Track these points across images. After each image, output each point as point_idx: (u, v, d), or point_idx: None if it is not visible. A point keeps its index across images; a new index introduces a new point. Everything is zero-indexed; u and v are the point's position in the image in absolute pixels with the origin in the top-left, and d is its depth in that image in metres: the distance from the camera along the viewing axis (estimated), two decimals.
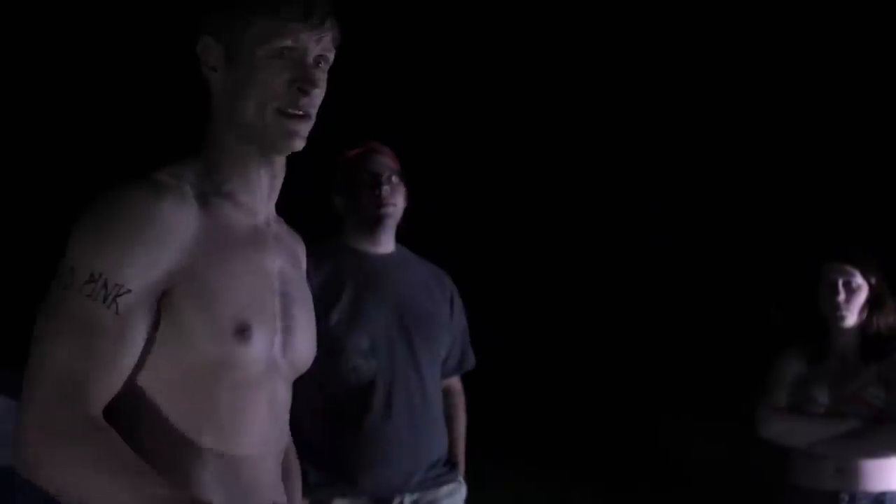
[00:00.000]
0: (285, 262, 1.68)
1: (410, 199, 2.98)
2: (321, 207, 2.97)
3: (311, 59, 1.56)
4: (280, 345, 1.62)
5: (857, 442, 3.12)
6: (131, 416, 1.50)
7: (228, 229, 1.57)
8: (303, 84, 1.54)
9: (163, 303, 1.50)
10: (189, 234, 1.50)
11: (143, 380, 1.51)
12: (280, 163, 1.64)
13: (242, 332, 1.53)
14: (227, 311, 1.52)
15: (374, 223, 2.88)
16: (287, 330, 1.63)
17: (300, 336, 1.67)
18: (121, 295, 1.45)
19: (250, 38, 1.53)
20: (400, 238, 2.99)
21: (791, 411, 3.21)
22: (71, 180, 5.83)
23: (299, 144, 1.58)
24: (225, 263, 1.54)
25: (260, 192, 1.62)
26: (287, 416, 1.70)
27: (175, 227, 1.49)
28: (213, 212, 1.55)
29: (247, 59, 1.54)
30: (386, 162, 2.92)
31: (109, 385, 1.46)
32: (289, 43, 1.53)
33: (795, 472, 3.25)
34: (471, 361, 3.15)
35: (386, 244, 2.93)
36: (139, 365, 1.50)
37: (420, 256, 3.06)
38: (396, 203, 2.89)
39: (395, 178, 2.89)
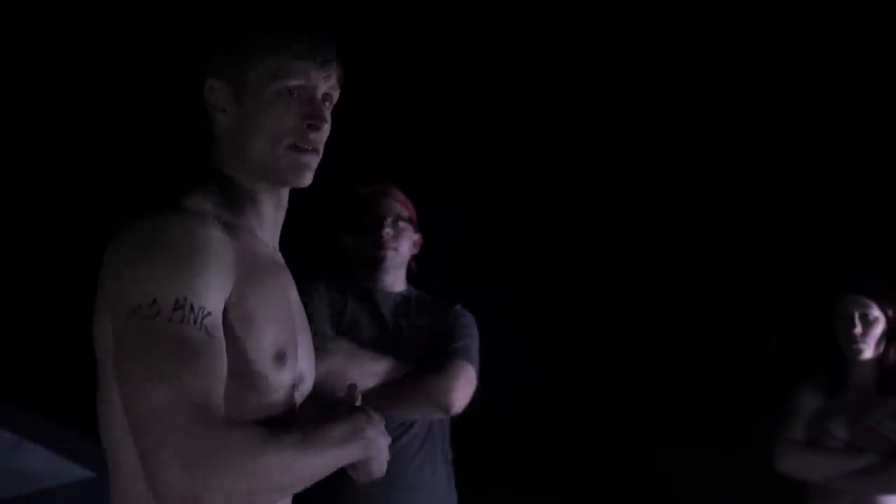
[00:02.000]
0: (294, 288, 1.71)
1: (424, 244, 2.98)
2: (326, 243, 2.99)
3: (319, 96, 1.63)
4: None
5: (874, 477, 3.08)
6: None
7: (255, 258, 1.60)
8: (313, 120, 1.61)
9: None
10: (233, 262, 1.53)
11: None
12: (285, 195, 1.70)
13: (281, 357, 1.57)
14: (268, 338, 1.56)
15: (374, 264, 2.89)
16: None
17: (305, 361, 1.70)
18: (206, 317, 1.45)
19: (260, 77, 1.59)
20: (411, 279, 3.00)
21: (808, 445, 3.18)
22: (52, 227, 5.81)
23: (309, 178, 1.65)
24: (260, 291, 1.57)
25: (269, 224, 1.68)
26: None
27: (224, 255, 1.52)
28: (240, 242, 1.58)
29: (257, 97, 1.59)
30: (393, 205, 2.91)
31: (222, 399, 1.44)
32: (301, 82, 1.60)
33: None
34: None
35: (391, 284, 2.92)
36: None
37: (439, 301, 3.00)
38: (398, 247, 2.88)
39: (401, 223, 2.89)
